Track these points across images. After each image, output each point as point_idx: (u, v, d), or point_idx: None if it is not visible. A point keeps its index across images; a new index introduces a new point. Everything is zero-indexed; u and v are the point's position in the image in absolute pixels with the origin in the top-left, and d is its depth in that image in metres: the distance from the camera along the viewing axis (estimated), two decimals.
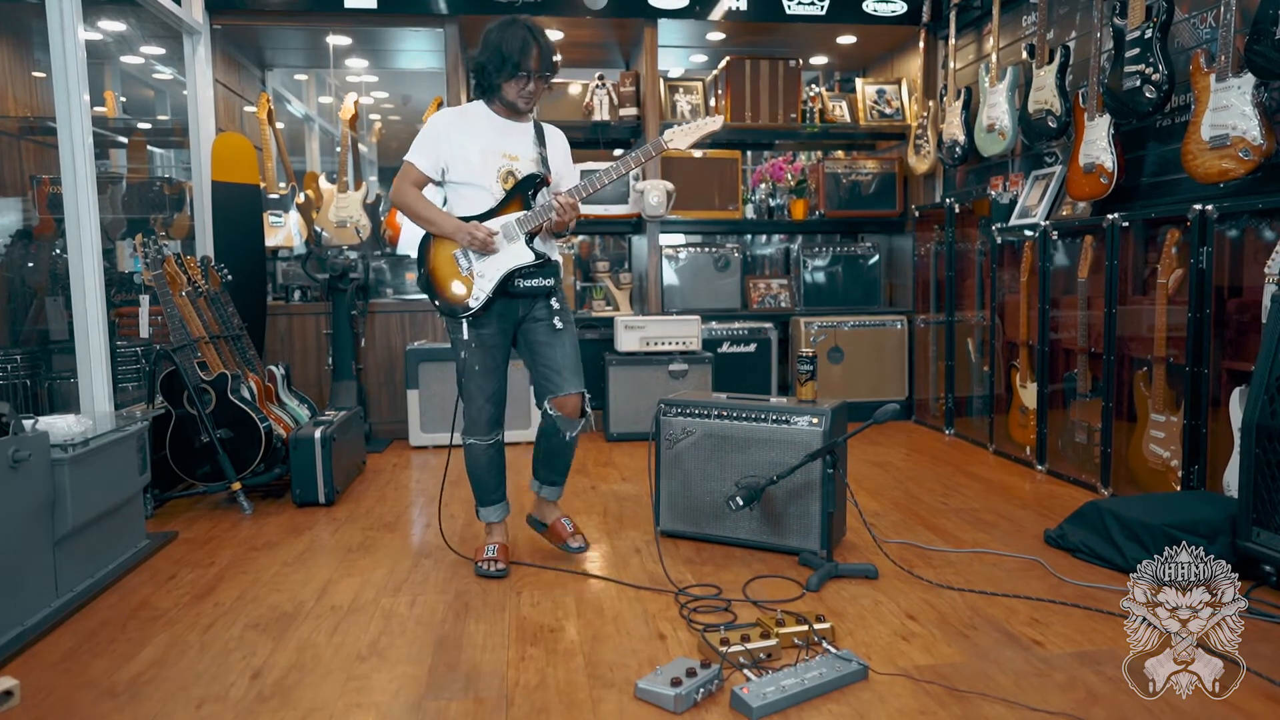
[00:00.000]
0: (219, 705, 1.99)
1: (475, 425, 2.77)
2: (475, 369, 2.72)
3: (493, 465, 2.84)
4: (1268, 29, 2.77)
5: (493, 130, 2.69)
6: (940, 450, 4.58)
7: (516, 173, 2.67)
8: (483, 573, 2.76)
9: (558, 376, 2.73)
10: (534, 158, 2.71)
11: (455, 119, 2.71)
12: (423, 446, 4.71)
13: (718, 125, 2.69)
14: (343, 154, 5.18)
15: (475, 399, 2.74)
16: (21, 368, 4.02)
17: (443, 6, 4.83)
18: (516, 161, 2.68)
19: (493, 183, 2.66)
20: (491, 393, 2.75)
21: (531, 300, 2.74)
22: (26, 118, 4.37)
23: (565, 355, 2.75)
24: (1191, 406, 3.16)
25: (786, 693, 1.92)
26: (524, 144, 2.71)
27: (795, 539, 2.88)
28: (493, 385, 2.75)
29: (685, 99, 5.48)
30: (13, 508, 2.31)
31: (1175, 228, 3.24)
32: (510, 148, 2.68)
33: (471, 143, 2.66)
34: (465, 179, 2.67)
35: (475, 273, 2.66)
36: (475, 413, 2.76)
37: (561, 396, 2.73)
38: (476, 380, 2.73)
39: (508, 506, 2.95)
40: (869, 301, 5.61)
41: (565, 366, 2.74)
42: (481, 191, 2.66)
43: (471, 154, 2.65)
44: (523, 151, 2.69)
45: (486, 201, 2.66)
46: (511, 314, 2.74)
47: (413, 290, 5.31)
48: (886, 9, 5.16)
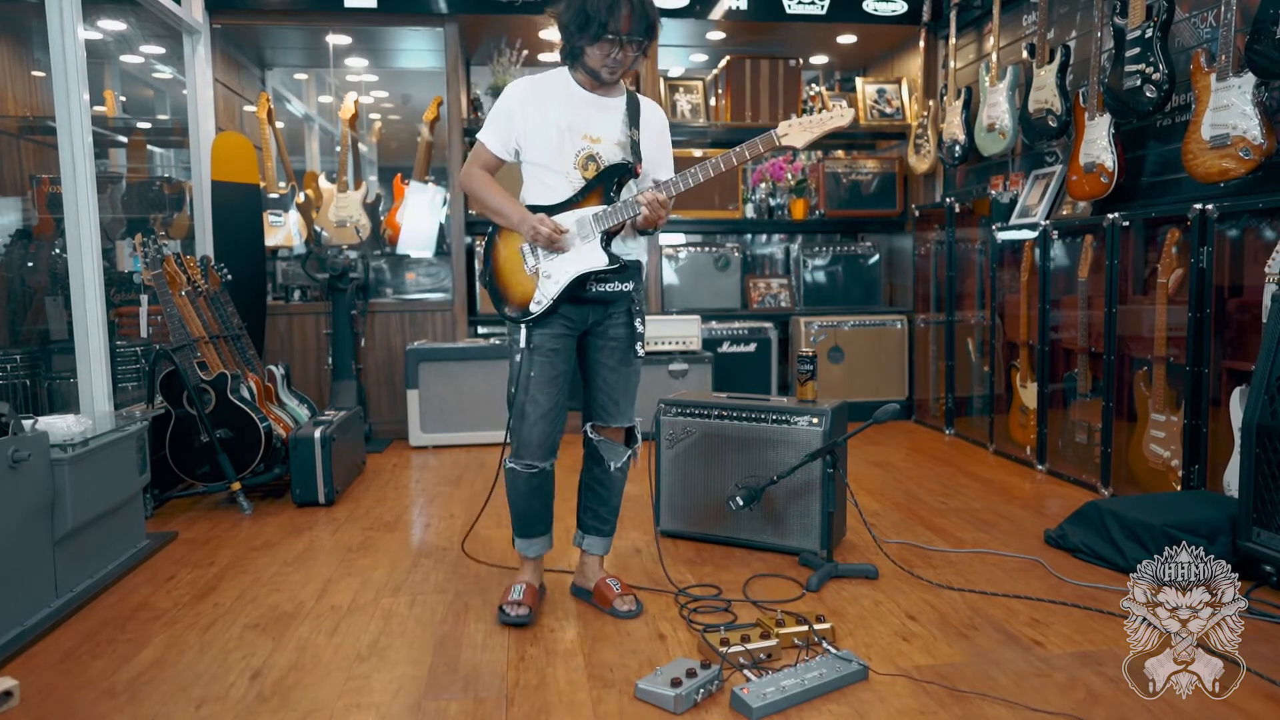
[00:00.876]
0: (219, 705, 1.99)
1: (525, 446, 2.35)
2: (531, 378, 2.31)
3: (537, 494, 2.43)
4: (1268, 28, 2.76)
5: (575, 105, 2.28)
6: (940, 450, 4.57)
7: (599, 158, 2.28)
8: (503, 618, 2.38)
9: (615, 407, 2.45)
10: (621, 141, 2.29)
11: (532, 90, 2.31)
12: (423, 447, 4.71)
13: (846, 121, 2.22)
14: (342, 154, 5.18)
15: (527, 415, 2.32)
16: (21, 368, 4.01)
17: (443, 6, 4.83)
18: (599, 145, 2.28)
19: (570, 168, 2.27)
20: (548, 409, 2.32)
21: (604, 307, 2.37)
22: (26, 117, 4.37)
23: (630, 386, 2.45)
24: (1192, 406, 3.15)
25: (786, 693, 1.92)
26: (611, 124, 2.30)
27: (795, 539, 2.87)
28: (550, 400, 2.32)
29: (685, 98, 5.48)
30: (12, 508, 2.31)
31: (1175, 227, 3.23)
32: (594, 128, 2.28)
33: (549, 118, 2.27)
34: (540, 160, 2.29)
35: (541, 272, 2.29)
36: (526, 432, 2.33)
37: (609, 427, 2.48)
38: (531, 393, 2.31)
39: (550, 542, 2.56)
40: (869, 301, 5.61)
41: (625, 398, 2.45)
42: (558, 177, 2.28)
43: (549, 132, 2.26)
44: (608, 133, 2.29)
45: (563, 190, 2.29)
46: (581, 319, 2.36)
47: (413, 290, 5.31)
48: (887, 8, 5.15)
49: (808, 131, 2.22)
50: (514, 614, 2.38)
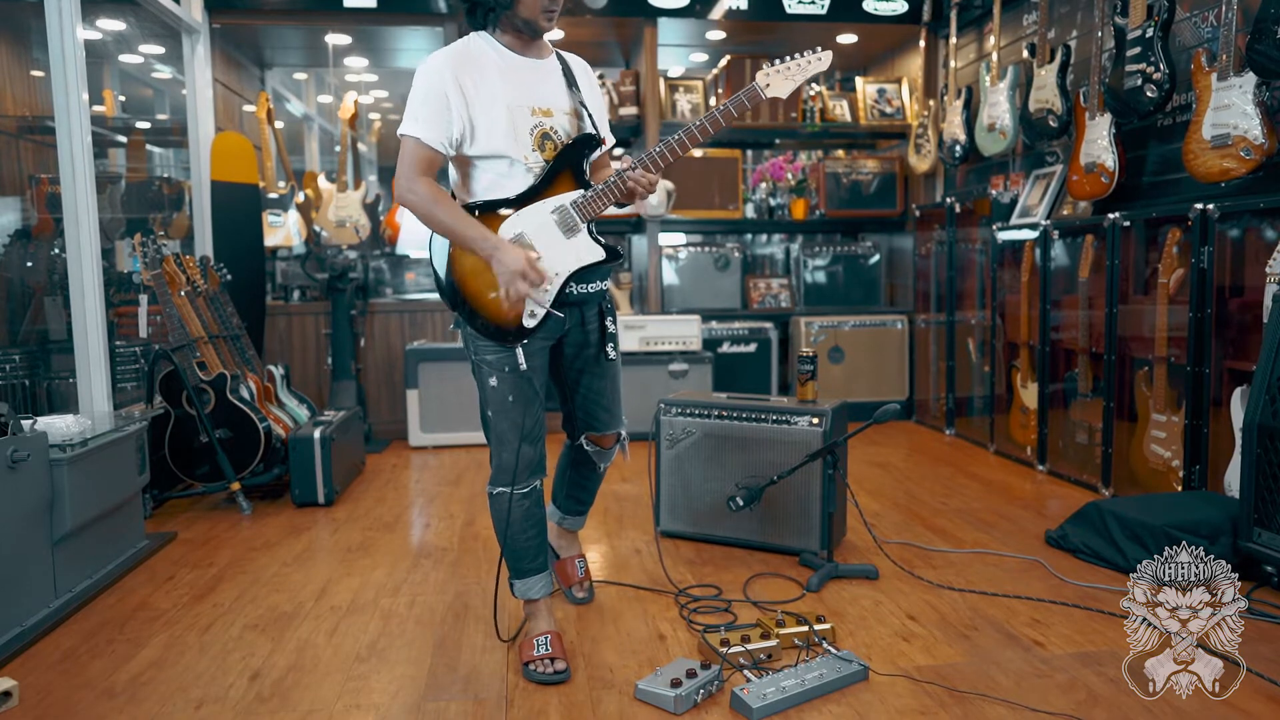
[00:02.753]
0: (218, 706, 1.98)
1: (505, 472, 2.09)
2: (509, 401, 2.05)
3: (529, 519, 2.15)
4: (1269, 28, 2.76)
5: (514, 74, 1.96)
6: (940, 450, 4.57)
7: (554, 134, 1.99)
8: (537, 678, 2.05)
9: (606, 415, 2.28)
10: (571, 109, 2.01)
11: (460, 61, 1.92)
12: (422, 447, 4.71)
13: (825, 65, 2.06)
14: (342, 153, 5.17)
15: (508, 440, 2.07)
16: (20, 368, 4.01)
17: (442, 5, 4.83)
18: (552, 118, 1.98)
19: (529, 151, 1.95)
20: (529, 430, 2.07)
21: (579, 309, 2.15)
22: (25, 117, 4.37)
23: (617, 387, 2.28)
24: (1192, 406, 3.15)
25: (786, 693, 1.92)
26: (556, 91, 2.00)
27: (795, 539, 2.87)
28: (531, 420, 2.08)
29: (685, 98, 5.47)
30: (11, 508, 2.30)
31: (1176, 227, 3.23)
32: (540, 99, 1.97)
33: (495, 95, 1.93)
34: (493, 149, 1.95)
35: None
36: (508, 457, 2.07)
37: (605, 435, 2.33)
38: (510, 416, 2.06)
39: (551, 579, 2.34)
40: (869, 301, 5.61)
41: (615, 402, 2.29)
42: (514, 164, 1.96)
43: (497, 111, 1.93)
44: (556, 102, 1.99)
45: (523, 179, 1.97)
46: (557, 326, 2.10)
47: (412, 290, 5.31)
48: (887, 8, 5.15)
49: (789, 80, 2.03)
50: (548, 671, 2.05)
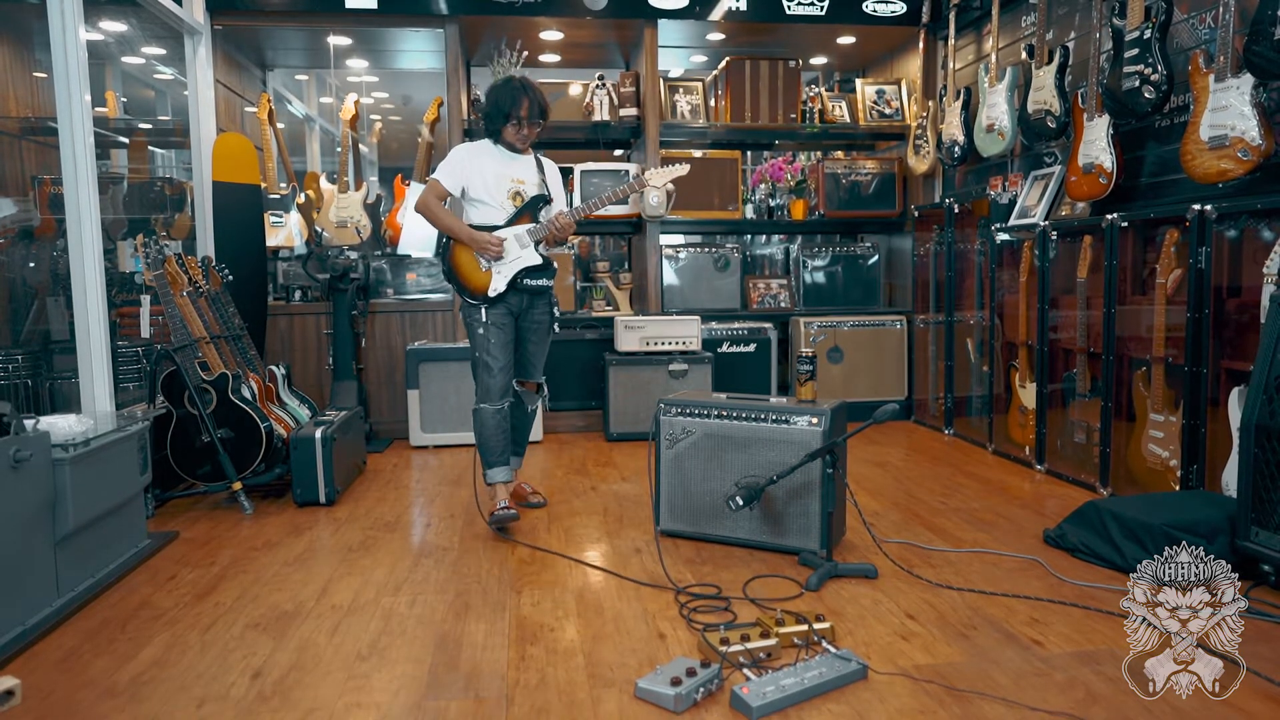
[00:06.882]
0: (219, 705, 1.99)
1: (489, 393, 3.28)
2: (492, 343, 3.27)
3: (500, 428, 3.32)
4: (1266, 29, 2.77)
5: (501, 161, 3.33)
6: (940, 450, 4.58)
7: (523, 193, 3.32)
8: (500, 517, 3.19)
9: (533, 369, 3.50)
10: (536, 182, 3.36)
11: (474, 150, 3.34)
12: (423, 446, 4.72)
13: (685, 170, 3.45)
14: (343, 154, 5.18)
15: (491, 369, 3.27)
16: (23, 368, 4.02)
17: (443, 7, 4.84)
18: (523, 185, 3.33)
19: (504, 200, 3.30)
20: (505, 363, 3.30)
21: (533, 296, 3.38)
22: (28, 118, 4.38)
23: (542, 355, 3.51)
24: (1190, 406, 3.16)
25: (786, 692, 1.93)
26: (528, 172, 3.36)
27: (795, 539, 2.88)
28: (505, 357, 3.30)
29: (685, 99, 5.48)
30: (13, 508, 2.31)
31: (1174, 228, 3.24)
32: (517, 174, 3.33)
33: (487, 168, 3.29)
34: (482, 197, 3.29)
35: (494, 270, 3.27)
36: (490, 381, 3.28)
37: (529, 381, 3.51)
38: (493, 353, 3.27)
39: (511, 471, 3.42)
40: (868, 301, 5.62)
41: (540, 363, 3.51)
42: (494, 208, 3.29)
43: (488, 177, 3.29)
44: (528, 177, 3.34)
45: (499, 216, 3.29)
46: (518, 304, 3.35)
47: (413, 290, 5.32)
48: (886, 9, 5.16)
49: (663, 177, 3.42)
50: (504, 512, 3.20)
